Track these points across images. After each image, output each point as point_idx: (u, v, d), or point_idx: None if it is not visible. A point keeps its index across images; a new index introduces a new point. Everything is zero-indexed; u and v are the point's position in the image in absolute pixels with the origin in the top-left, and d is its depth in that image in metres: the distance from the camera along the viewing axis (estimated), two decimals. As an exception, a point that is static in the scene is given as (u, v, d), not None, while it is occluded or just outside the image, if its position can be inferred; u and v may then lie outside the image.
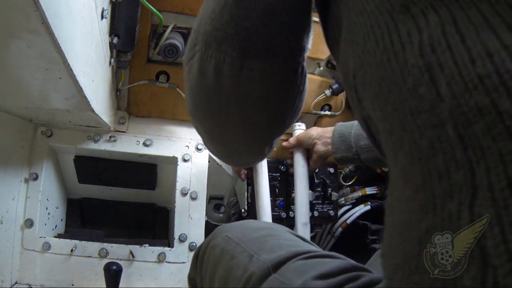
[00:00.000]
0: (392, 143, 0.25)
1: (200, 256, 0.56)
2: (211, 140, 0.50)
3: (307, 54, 0.41)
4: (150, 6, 0.72)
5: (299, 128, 1.00)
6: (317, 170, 0.99)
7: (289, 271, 0.39)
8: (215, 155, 0.57)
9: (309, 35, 0.39)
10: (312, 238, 1.05)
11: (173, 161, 0.94)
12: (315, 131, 0.91)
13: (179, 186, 0.90)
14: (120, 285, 0.73)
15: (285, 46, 0.37)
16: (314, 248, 0.45)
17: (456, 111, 0.20)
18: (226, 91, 0.38)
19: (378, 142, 0.29)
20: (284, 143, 0.98)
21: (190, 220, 0.89)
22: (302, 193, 0.94)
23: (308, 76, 0.44)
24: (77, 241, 0.82)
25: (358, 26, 0.27)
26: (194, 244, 0.87)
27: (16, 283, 0.77)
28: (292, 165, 0.98)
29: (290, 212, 0.96)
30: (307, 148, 0.95)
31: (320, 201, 0.99)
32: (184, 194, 0.90)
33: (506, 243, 0.18)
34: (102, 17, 0.61)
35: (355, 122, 0.84)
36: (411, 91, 0.23)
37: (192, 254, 0.84)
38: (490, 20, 0.20)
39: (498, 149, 0.19)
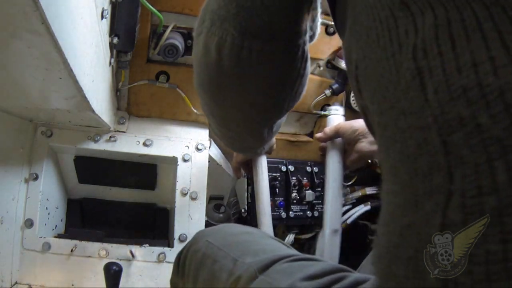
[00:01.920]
0: (385, 138, 0.26)
1: (181, 261, 0.56)
2: (215, 120, 0.52)
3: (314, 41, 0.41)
4: (150, 6, 0.72)
5: (336, 113, 0.86)
6: (317, 170, 0.99)
7: (276, 272, 0.40)
8: (219, 137, 0.60)
9: (315, 18, 0.40)
10: (312, 238, 1.05)
11: (173, 161, 0.94)
12: (360, 124, 0.77)
13: (179, 186, 0.90)
14: (120, 285, 0.73)
15: (285, 28, 0.37)
16: (296, 252, 0.46)
17: (440, 118, 0.21)
18: (226, 69, 0.39)
19: (374, 133, 0.30)
20: (318, 134, 0.87)
21: (190, 220, 0.89)
22: (335, 195, 0.83)
23: (308, 76, 0.45)
24: (77, 241, 0.82)
25: (362, 17, 0.28)
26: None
27: (16, 283, 0.77)
28: (324, 161, 0.85)
29: (290, 212, 0.96)
30: (344, 143, 0.82)
31: (320, 201, 0.99)
32: (184, 194, 0.90)
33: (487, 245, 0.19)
34: (102, 17, 0.61)
35: None
36: (404, 92, 0.24)
37: (175, 257, 0.84)
38: (483, 25, 0.21)
39: (474, 159, 0.20)
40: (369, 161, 0.88)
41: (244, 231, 0.53)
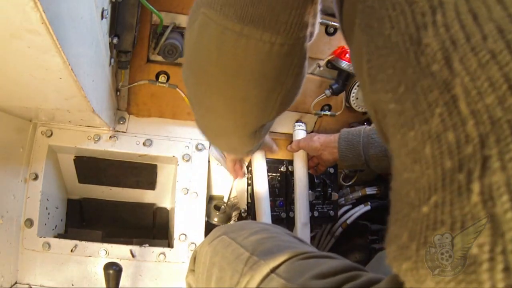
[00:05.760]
0: (401, 125, 0.25)
1: (197, 257, 0.56)
2: (201, 113, 0.49)
3: (312, 41, 0.40)
4: (150, 6, 0.72)
5: (300, 128, 1.00)
6: (317, 170, 1.00)
7: (288, 270, 0.39)
8: (204, 132, 0.55)
9: (315, 15, 0.39)
10: (312, 238, 1.05)
11: (173, 161, 0.94)
12: (318, 142, 0.91)
13: (179, 186, 0.90)
14: (120, 285, 0.73)
15: (286, 18, 0.36)
16: (311, 248, 0.46)
17: (468, 86, 0.21)
18: (222, 58, 0.38)
19: (384, 127, 0.29)
20: (288, 148, 1.00)
21: (190, 220, 0.89)
22: (302, 193, 0.94)
23: (308, 76, 0.44)
24: (77, 241, 0.82)
25: (373, 10, 0.28)
26: (194, 244, 0.88)
27: (16, 283, 0.77)
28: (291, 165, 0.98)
29: (290, 212, 0.96)
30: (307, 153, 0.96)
31: (320, 201, 0.99)
32: (184, 194, 0.90)
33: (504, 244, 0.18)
34: (102, 17, 0.61)
35: (361, 129, 0.84)
36: (424, 70, 0.23)
37: (192, 254, 0.84)
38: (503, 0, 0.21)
39: (508, 120, 0.19)
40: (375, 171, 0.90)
41: (262, 227, 0.53)
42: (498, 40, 0.20)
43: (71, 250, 0.81)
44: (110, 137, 0.89)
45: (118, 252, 0.83)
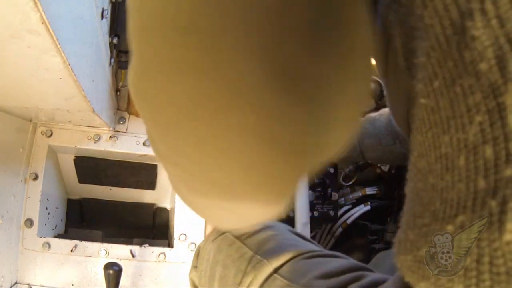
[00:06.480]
0: (434, 123, 0.22)
1: (200, 254, 0.56)
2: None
3: None
4: (150, 6, 0.72)
5: None
6: (317, 170, 0.99)
7: (291, 271, 0.39)
8: (193, 207, 0.30)
9: None
10: (312, 238, 1.05)
11: (173, 161, 0.94)
12: None
13: (179, 186, 0.90)
14: (120, 285, 0.73)
15: None
16: (315, 247, 0.45)
17: None
18: None
19: (411, 116, 0.25)
20: None
21: (190, 220, 0.89)
22: (302, 193, 0.94)
23: None
24: (77, 241, 0.82)
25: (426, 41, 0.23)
26: (194, 244, 0.87)
27: (16, 283, 0.77)
28: None
29: (290, 212, 0.96)
30: None
31: (320, 201, 0.99)
32: (184, 194, 0.90)
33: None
34: (102, 17, 0.61)
35: None
36: (467, 66, 0.19)
37: (192, 254, 0.84)
38: None
39: None
40: (369, 161, 0.89)
41: (266, 225, 0.52)
42: None
43: (71, 250, 0.81)
44: (110, 137, 0.89)
45: (118, 252, 0.83)
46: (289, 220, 0.96)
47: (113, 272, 0.70)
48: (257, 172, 0.20)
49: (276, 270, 0.40)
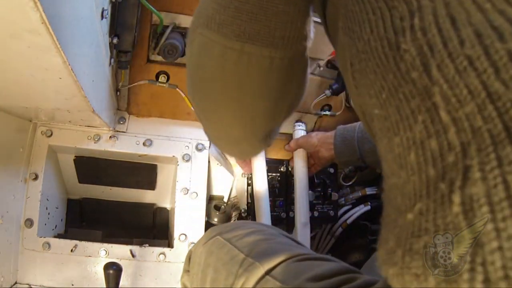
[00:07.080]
0: (386, 129, 0.25)
1: (192, 257, 0.56)
2: (210, 125, 0.49)
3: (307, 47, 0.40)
4: (150, 6, 0.72)
5: (299, 128, 1.01)
6: (317, 170, 0.99)
7: (283, 273, 0.39)
8: (214, 142, 0.57)
9: (310, 22, 0.38)
10: (312, 238, 1.05)
11: (173, 161, 0.94)
12: (316, 138, 0.92)
13: (179, 186, 0.90)
14: (120, 285, 0.73)
15: (282, 33, 0.35)
16: (306, 250, 0.46)
17: (447, 94, 0.21)
18: (226, 75, 0.38)
19: (372, 130, 0.29)
20: (286, 147, 1.00)
21: (190, 220, 0.89)
22: (302, 193, 0.94)
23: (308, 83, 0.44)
24: (77, 241, 0.82)
25: (354, 14, 0.28)
26: (194, 244, 0.87)
27: (16, 283, 0.77)
28: (292, 165, 0.98)
29: (290, 212, 0.96)
30: (306, 152, 0.96)
31: (320, 201, 0.99)
32: (184, 194, 0.90)
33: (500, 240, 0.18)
34: (102, 17, 0.61)
35: (357, 125, 0.84)
36: (404, 76, 0.23)
37: (187, 254, 0.84)
38: (482, 5, 0.20)
39: (488, 129, 0.19)
40: (370, 165, 0.90)
41: (257, 228, 0.53)
42: (476, 46, 0.20)
43: (71, 250, 0.81)
44: (110, 137, 0.89)
45: (118, 252, 0.83)
46: (289, 220, 0.96)
47: (113, 272, 0.70)
48: (236, 123, 0.44)
49: (268, 272, 0.40)
